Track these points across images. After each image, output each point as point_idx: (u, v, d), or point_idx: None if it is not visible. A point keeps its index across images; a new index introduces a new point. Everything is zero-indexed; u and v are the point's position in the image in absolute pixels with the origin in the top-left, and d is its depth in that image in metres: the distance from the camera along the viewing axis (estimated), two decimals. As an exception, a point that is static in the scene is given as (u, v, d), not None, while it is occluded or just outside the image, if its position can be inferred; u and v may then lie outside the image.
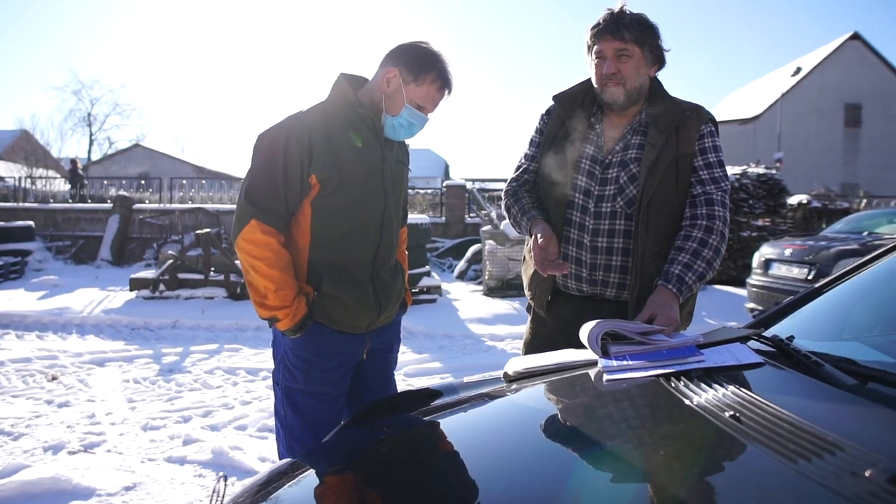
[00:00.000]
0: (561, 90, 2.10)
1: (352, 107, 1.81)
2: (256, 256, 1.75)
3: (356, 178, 1.81)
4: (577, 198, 1.98)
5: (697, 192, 1.91)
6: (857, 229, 6.96)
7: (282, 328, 1.78)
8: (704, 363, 1.36)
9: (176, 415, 4.02)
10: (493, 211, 11.90)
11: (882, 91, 27.74)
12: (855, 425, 0.97)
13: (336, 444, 1.50)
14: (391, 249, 1.95)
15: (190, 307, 7.45)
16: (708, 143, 1.94)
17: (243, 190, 1.79)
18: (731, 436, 0.96)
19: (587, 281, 1.97)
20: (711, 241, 1.86)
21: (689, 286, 1.83)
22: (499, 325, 7.48)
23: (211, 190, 16.37)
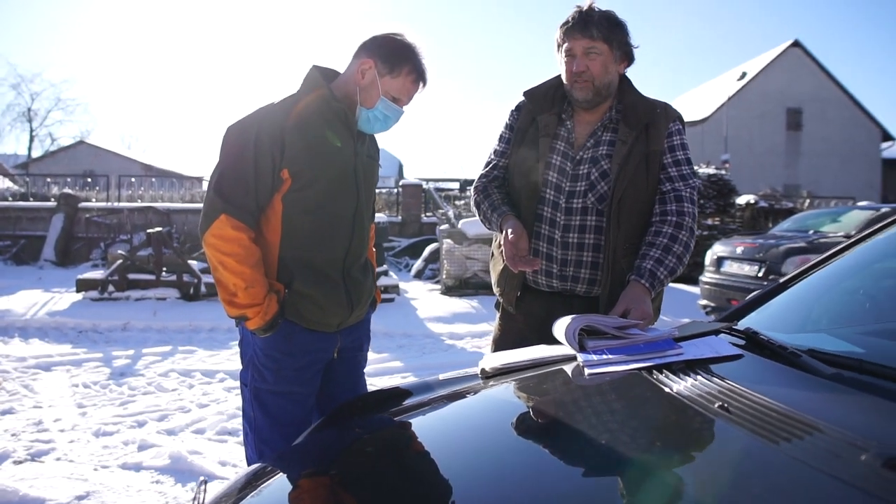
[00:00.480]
0: (531, 86, 2.10)
1: (325, 100, 1.77)
2: (226, 252, 1.69)
3: (329, 173, 1.77)
4: (547, 193, 1.98)
5: (667, 189, 1.93)
6: (804, 228, 7.23)
7: (251, 327, 1.72)
8: (684, 356, 1.37)
9: (129, 420, 3.87)
10: (451, 210, 11.92)
11: (820, 96, 28.90)
12: (842, 412, 0.98)
13: (309, 447, 1.46)
14: (363, 247, 1.91)
15: (141, 308, 7.21)
16: (676, 141, 1.96)
17: (212, 183, 1.73)
18: (723, 426, 0.96)
19: (557, 277, 1.97)
20: (681, 237, 1.88)
21: (660, 280, 1.85)
22: (458, 324, 7.49)
23: (161, 188, 15.91)
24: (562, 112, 2.02)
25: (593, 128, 1.98)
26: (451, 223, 10.68)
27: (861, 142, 29.01)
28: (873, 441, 0.83)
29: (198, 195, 16.14)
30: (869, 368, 1.11)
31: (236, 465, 3.20)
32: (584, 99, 1.93)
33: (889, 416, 0.97)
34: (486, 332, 7.11)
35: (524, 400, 1.34)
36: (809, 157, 28.67)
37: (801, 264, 6.02)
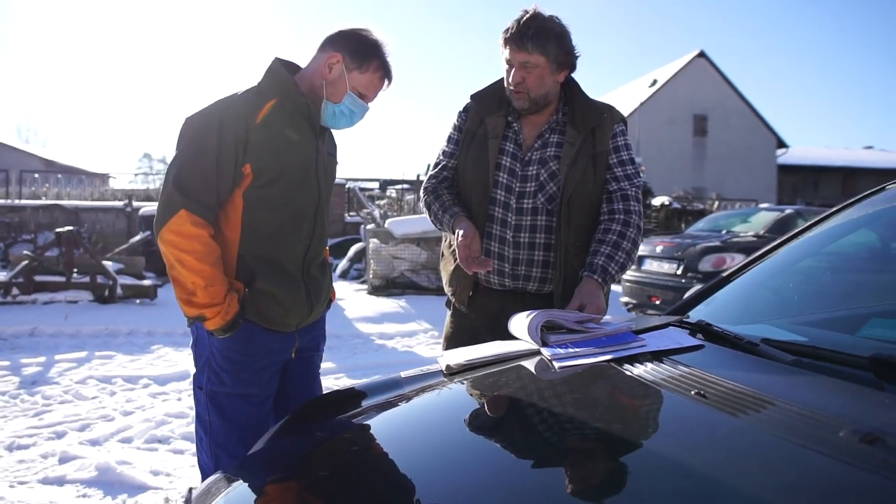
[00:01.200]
0: (478, 89, 2.13)
1: (289, 94, 1.72)
2: (184, 250, 1.61)
3: (292, 169, 1.72)
4: (498, 194, 2.01)
5: (613, 189, 2.00)
6: (717, 228, 7.66)
7: (210, 327, 1.65)
8: (647, 347, 1.43)
9: (47, 431, 3.62)
10: (376, 210, 11.84)
11: (723, 104, 30.68)
12: (810, 394, 1.06)
13: (271, 452, 1.41)
14: (321, 244, 1.88)
15: (50, 312, 6.76)
16: (621, 142, 2.03)
17: (171, 177, 1.64)
18: (704, 411, 1.01)
19: (510, 276, 2.01)
20: (629, 234, 1.96)
21: (612, 276, 1.92)
22: (386, 324, 7.46)
23: (68, 185, 14.94)
24: (508, 114, 2.05)
25: (540, 129, 2.03)
26: (377, 223, 10.61)
27: (759, 148, 31.02)
28: (846, 419, 0.90)
29: (108, 193, 15.32)
30: (823, 355, 1.20)
31: (170, 475, 3.07)
32: (521, 108, 1.99)
33: (850, 395, 1.04)
34: (415, 331, 7.11)
35: (497, 395, 1.35)
36: (714, 162, 30.35)
37: (716, 262, 6.39)
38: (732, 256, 6.34)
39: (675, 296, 6.46)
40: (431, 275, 9.39)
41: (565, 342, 1.56)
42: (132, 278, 7.65)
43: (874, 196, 1.95)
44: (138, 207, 11.41)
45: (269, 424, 1.81)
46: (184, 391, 4.46)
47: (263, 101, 1.70)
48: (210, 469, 1.76)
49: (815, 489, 0.78)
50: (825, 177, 34.58)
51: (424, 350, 6.17)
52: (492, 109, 2.06)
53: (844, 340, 1.39)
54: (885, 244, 2.00)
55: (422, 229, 9.15)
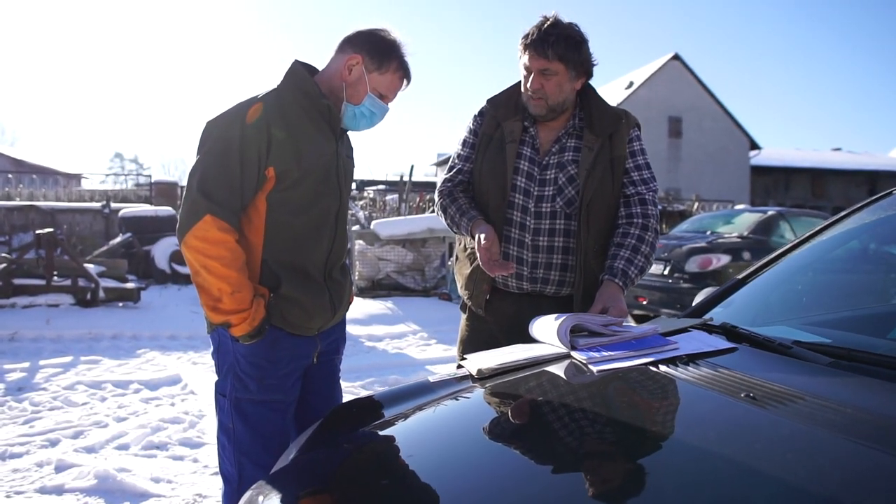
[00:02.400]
0: (495, 93, 2.14)
1: (310, 96, 1.71)
2: (211, 256, 1.59)
3: (315, 172, 1.71)
4: (516, 198, 2.02)
5: (631, 193, 2.03)
6: (701, 229, 7.77)
7: (237, 334, 1.63)
8: (680, 350, 1.45)
9: (39, 438, 3.54)
10: (360, 211, 11.80)
11: (697, 106, 31.15)
12: (859, 396, 1.08)
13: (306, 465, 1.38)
14: (343, 248, 1.88)
15: (30, 316, 6.60)
16: (637, 147, 2.06)
17: (195, 182, 1.62)
18: (761, 414, 1.03)
19: (528, 279, 2.02)
20: (648, 238, 1.98)
21: (631, 279, 1.94)
22: (375, 326, 7.42)
23: (44, 186, 14.60)
24: (525, 119, 2.06)
25: (557, 134, 2.04)
26: (362, 224, 10.57)
27: (732, 150, 31.55)
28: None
29: (80, 194, 15.01)
30: (860, 357, 1.23)
31: (171, 482, 3.02)
32: (537, 114, 2.00)
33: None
34: (404, 332, 7.10)
35: (538, 401, 1.35)
36: (688, 163, 30.79)
37: (702, 263, 6.48)
38: (718, 257, 6.44)
39: (662, 296, 6.55)
40: (417, 276, 9.39)
41: (595, 345, 1.57)
42: (114, 281, 7.51)
43: (882, 200, 2.00)
44: (117, 209, 11.21)
45: (290, 431, 1.80)
46: (176, 396, 4.40)
47: (285, 104, 1.69)
48: (234, 477, 1.74)
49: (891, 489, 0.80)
50: (795, 177, 35.31)
51: (415, 352, 6.16)
52: (508, 114, 2.07)
53: (877, 343, 1.42)
54: (894, 248, 2.05)
55: (407, 231, 9.14)
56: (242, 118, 1.63)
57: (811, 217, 7.55)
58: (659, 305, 6.47)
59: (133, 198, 14.97)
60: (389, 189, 16.24)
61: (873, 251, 2.14)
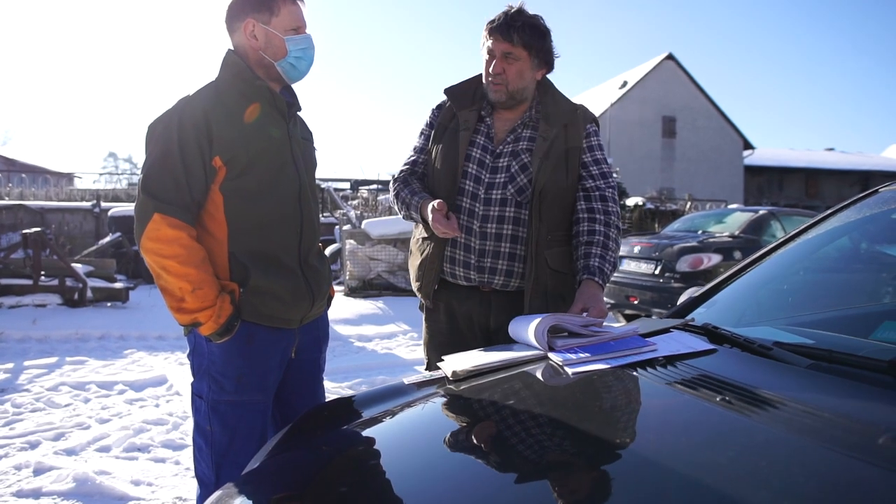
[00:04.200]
0: (452, 84, 2.14)
1: (246, 80, 1.69)
2: (166, 255, 1.56)
3: (265, 155, 1.69)
4: (467, 185, 2.01)
5: (590, 186, 2.01)
6: (693, 228, 7.76)
7: (205, 333, 1.60)
8: (659, 352, 1.42)
9: (19, 441, 3.48)
10: (352, 210, 11.74)
11: (691, 106, 31.20)
12: (836, 400, 1.05)
13: (276, 467, 1.36)
14: (314, 232, 1.84)
15: (17, 316, 6.53)
16: (595, 142, 2.05)
17: (140, 184, 1.61)
18: (734, 418, 1.00)
19: (475, 268, 1.99)
20: (612, 234, 1.97)
21: (607, 276, 1.92)
22: (365, 326, 7.39)
23: (34, 185, 14.50)
24: (482, 109, 2.06)
25: (513, 124, 2.04)
26: (353, 224, 10.52)
27: (726, 149, 31.60)
28: (882, 423, 0.90)
29: (73, 193, 14.91)
30: (840, 359, 1.19)
31: (152, 484, 2.98)
32: (497, 100, 2.00)
33: (877, 399, 1.04)
34: (394, 333, 7.06)
35: (510, 404, 1.32)
36: (682, 163, 30.84)
37: (693, 262, 6.46)
38: (709, 256, 6.42)
39: (653, 296, 6.53)
40: (408, 276, 9.34)
41: (573, 347, 1.54)
42: (103, 281, 7.44)
43: (868, 198, 1.97)
44: (107, 208, 11.13)
45: (269, 432, 1.77)
46: (161, 397, 4.35)
47: (223, 92, 1.68)
48: (210, 480, 1.70)
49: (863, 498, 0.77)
50: (789, 177, 35.41)
51: (404, 352, 6.12)
52: (465, 103, 2.07)
53: (858, 344, 1.39)
54: (879, 246, 2.02)
55: (398, 230, 9.09)
56: (180, 114, 1.62)
57: (803, 216, 7.53)
58: (650, 305, 6.45)
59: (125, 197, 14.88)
60: (382, 189, 16.20)
61: (859, 249, 2.12)
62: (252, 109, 1.70)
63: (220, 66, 1.74)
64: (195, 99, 1.65)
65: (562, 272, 1.96)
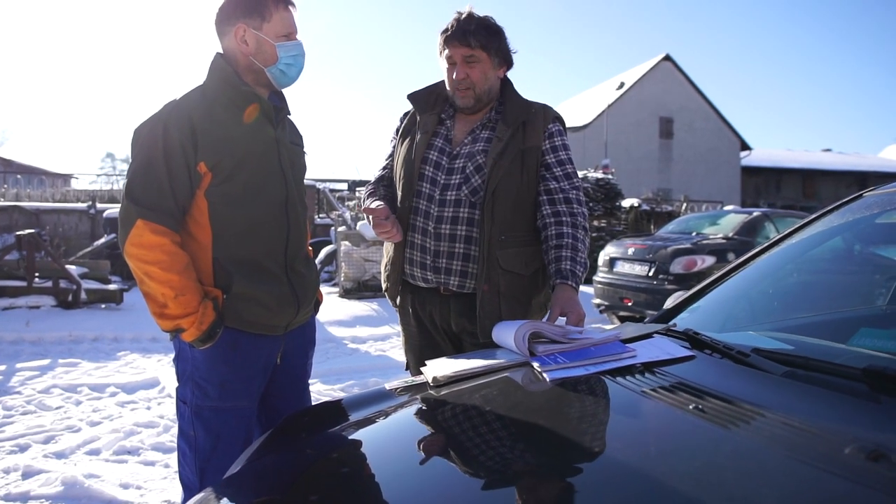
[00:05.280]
0: (414, 90, 2.16)
1: (234, 85, 1.69)
2: (149, 261, 1.56)
3: (251, 161, 1.68)
4: (423, 187, 2.02)
5: (553, 188, 1.99)
6: (687, 230, 7.77)
7: (188, 339, 1.60)
8: (638, 358, 1.42)
9: (9, 444, 3.48)
10: (347, 212, 11.74)
11: (688, 107, 31.23)
12: (807, 408, 1.05)
13: (257, 470, 1.37)
14: (301, 237, 1.84)
15: (10, 318, 6.53)
16: (558, 142, 2.04)
17: (124, 189, 1.61)
18: (706, 427, 1.00)
19: (431, 268, 2.00)
20: (579, 235, 1.97)
21: (580, 278, 1.92)
22: (359, 327, 7.39)
23: (28, 186, 14.48)
24: (442, 112, 2.08)
25: (472, 126, 2.05)
26: (348, 225, 10.52)
27: (723, 150, 31.64)
28: (849, 434, 0.90)
29: (70, 194, 14.88)
30: (816, 366, 1.20)
31: (141, 488, 2.97)
32: (465, 106, 2.02)
33: (848, 408, 1.04)
34: (388, 334, 7.06)
35: (487, 410, 1.32)
36: (679, 164, 30.87)
37: (686, 264, 6.47)
38: (703, 258, 6.43)
39: (647, 297, 6.53)
40: (404, 277, 9.33)
41: (554, 352, 1.54)
42: (97, 282, 7.44)
43: (852, 203, 1.97)
44: (102, 209, 11.12)
45: (253, 437, 1.77)
46: (153, 399, 4.35)
47: (210, 98, 1.67)
48: (194, 485, 1.71)
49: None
50: (786, 178, 35.47)
51: (398, 354, 6.12)
52: (426, 108, 2.09)
53: (835, 350, 1.39)
54: (864, 250, 2.03)
55: (393, 232, 9.07)
56: (166, 119, 1.62)
57: (797, 218, 7.55)
58: (644, 307, 6.45)
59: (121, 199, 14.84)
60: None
61: (844, 253, 2.12)
62: (251, 110, 1.69)
63: (208, 70, 1.73)
64: (181, 104, 1.65)
65: (515, 272, 1.95)
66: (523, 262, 1.97)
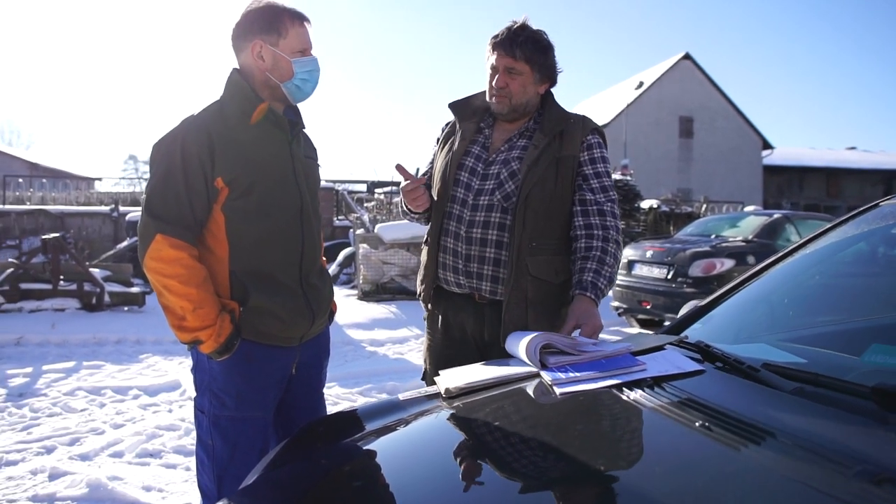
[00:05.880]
0: (457, 98, 2.19)
1: (251, 101, 1.72)
2: (168, 275, 1.60)
3: (267, 177, 1.72)
4: (458, 192, 2.05)
5: (588, 199, 2.00)
6: (706, 232, 7.70)
7: (206, 351, 1.64)
8: (647, 372, 1.43)
9: (36, 445, 3.57)
10: (366, 214, 11.81)
11: (709, 106, 30.93)
12: (817, 429, 1.06)
13: (273, 480, 1.40)
14: (315, 251, 1.87)
15: (36, 321, 6.67)
16: (597, 154, 2.04)
17: (143, 204, 1.65)
18: (713, 447, 1.01)
19: (463, 273, 2.02)
20: (610, 249, 1.96)
21: (602, 291, 1.91)
22: (377, 330, 7.43)
23: (53, 190, 14.77)
24: (482, 121, 2.11)
25: (510, 135, 2.07)
26: (367, 227, 10.59)
27: (745, 149, 31.27)
28: (854, 456, 0.90)
29: (93, 197, 15.15)
30: (825, 383, 1.20)
31: (162, 490, 3.04)
32: (499, 113, 2.05)
33: (854, 428, 1.05)
34: (406, 337, 7.09)
35: (497, 424, 1.34)
36: (700, 164, 30.57)
37: (705, 267, 6.42)
38: (722, 261, 6.38)
39: (666, 301, 6.50)
40: (422, 279, 9.36)
41: (564, 364, 1.56)
42: (120, 285, 7.57)
43: (868, 213, 1.96)
44: (125, 212, 11.31)
45: (270, 446, 1.80)
46: (174, 402, 4.42)
47: (226, 113, 1.71)
48: (212, 493, 1.75)
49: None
50: (810, 177, 34.97)
51: (416, 357, 6.15)
52: (466, 116, 2.13)
53: (847, 365, 1.39)
54: (881, 260, 2.01)
55: (411, 234, 9.13)
56: (183, 135, 1.65)
57: (819, 220, 7.45)
58: (662, 310, 6.42)
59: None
60: (398, 190, 16.25)
61: (865, 260, 2.10)
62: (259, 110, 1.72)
63: (225, 85, 1.76)
64: (199, 120, 1.68)
65: (544, 280, 1.96)
66: (553, 271, 1.97)
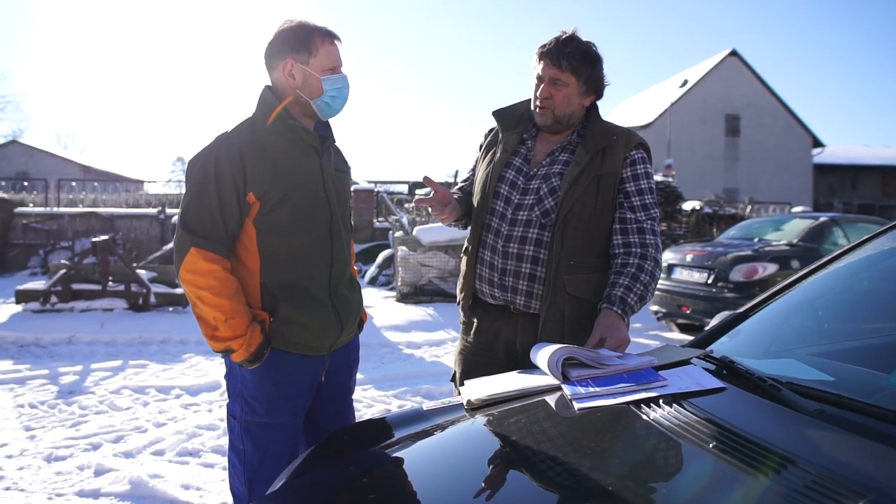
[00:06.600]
0: (501, 106, 2.18)
1: (281, 118, 1.77)
2: (201, 287, 1.67)
3: (297, 190, 1.77)
4: (497, 205, 2.04)
5: (629, 217, 1.97)
6: (749, 236, 7.51)
7: (237, 359, 1.70)
8: (668, 388, 1.42)
9: (83, 442, 3.73)
10: (404, 216, 11.90)
11: (756, 103, 30.15)
12: (833, 453, 1.04)
13: (300, 486, 1.44)
14: (345, 262, 1.91)
15: (87, 320, 6.94)
16: (640, 170, 2.01)
17: (179, 219, 1.73)
18: (726, 471, 1.00)
19: (498, 286, 2.02)
20: (647, 267, 1.93)
21: (631, 307, 1.89)
22: (414, 332, 7.48)
23: (104, 192, 15.32)
24: (524, 132, 2.09)
25: (552, 148, 2.05)
26: (405, 230, 10.66)
27: (794, 148, 30.39)
28: (870, 487, 0.89)
29: (142, 199, 15.66)
30: (847, 404, 1.18)
31: (200, 489, 3.13)
32: (542, 123, 2.02)
33: (873, 456, 1.03)
34: (443, 340, 7.12)
35: (516, 439, 1.35)
36: (747, 162, 29.84)
37: (747, 272, 6.28)
38: (764, 266, 6.22)
39: (706, 305, 6.38)
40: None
41: (586, 378, 1.56)
42: (165, 286, 7.81)
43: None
44: (171, 214, 11.65)
45: (300, 451, 1.85)
46: (214, 402, 4.55)
47: (258, 130, 1.76)
48: (243, 495, 1.81)
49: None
50: (863, 176, 33.79)
51: (451, 360, 6.15)
52: (509, 126, 2.11)
53: (875, 383, 1.36)
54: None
55: (449, 237, 9.17)
56: (217, 151, 1.71)
57: (868, 223, 7.19)
58: (702, 315, 6.29)
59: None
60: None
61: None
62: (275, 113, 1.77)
63: (257, 103, 1.82)
64: (232, 137, 1.74)
65: (581, 298, 1.94)
66: (592, 289, 1.95)
